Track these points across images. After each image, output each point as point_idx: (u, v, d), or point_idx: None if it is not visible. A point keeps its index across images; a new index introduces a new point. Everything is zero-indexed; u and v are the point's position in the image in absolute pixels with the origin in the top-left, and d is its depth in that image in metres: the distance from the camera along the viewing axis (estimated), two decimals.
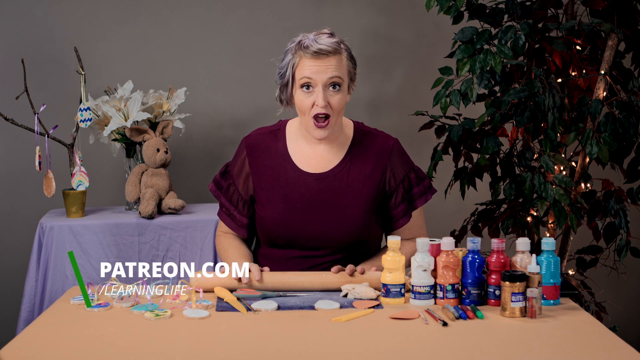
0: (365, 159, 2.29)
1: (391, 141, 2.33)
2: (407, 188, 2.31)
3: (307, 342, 1.74)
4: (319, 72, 2.16)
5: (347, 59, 2.22)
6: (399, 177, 2.30)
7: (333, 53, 2.18)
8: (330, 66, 2.17)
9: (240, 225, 2.33)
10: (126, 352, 1.68)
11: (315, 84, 2.17)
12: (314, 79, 2.17)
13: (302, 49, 2.18)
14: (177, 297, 2.02)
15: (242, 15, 3.48)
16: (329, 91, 2.18)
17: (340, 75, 2.18)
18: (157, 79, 3.34)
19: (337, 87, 2.19)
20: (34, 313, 2.83)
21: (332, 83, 2.17)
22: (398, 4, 3.55)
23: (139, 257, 2.89)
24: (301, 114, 2.23)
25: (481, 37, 2.81)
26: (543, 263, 1.98)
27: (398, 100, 3.58)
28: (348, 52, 2.24)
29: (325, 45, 2.16)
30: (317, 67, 2.16)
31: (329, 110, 2.18)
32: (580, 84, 2.97)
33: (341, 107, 2.21)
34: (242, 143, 2.35)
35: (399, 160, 2.31)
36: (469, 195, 3.02)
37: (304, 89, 2.18)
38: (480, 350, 1.70)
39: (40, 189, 3.03)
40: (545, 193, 2.76)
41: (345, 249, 2.25)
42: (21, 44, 3.35)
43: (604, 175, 3.14)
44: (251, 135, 2.36)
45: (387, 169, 2.29)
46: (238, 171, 2.33)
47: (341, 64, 2.19)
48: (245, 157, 2.31)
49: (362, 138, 2.32)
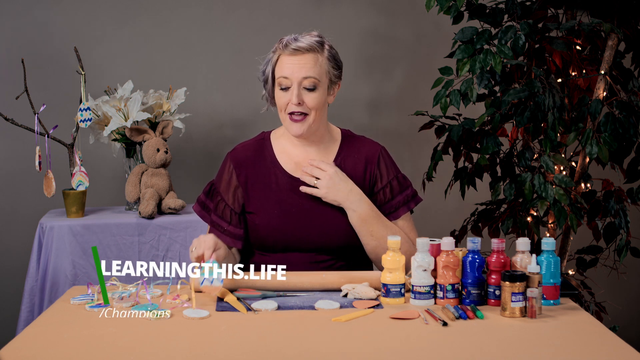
0: (354, 162, 2.29)
1: (378, 147, 2.34)
2: (390, 194, 2.29)
3: (307, 342, 1.74)
4: (294, 71, 2.18)
5: (326, 59, 2.22)
6: (384, 182, 2.30)
7: (310, 51, 2.18)
8: (305, 64, 2.18)
9: (236, 237, 2.29)
10: (126, 352, 1.68)
11: (291, 83, 2.19)
12: (290, 77, 2.18)
13: (282, 47, 2.20)
14: (177, 297, 2.02)
15: (242, 15, 3.48)
16: (304, 90, 2.19)
17: (315, 75, 2.18)
18: (157, 79, 3.34)
19: (313, 88, 2.19)
20: (34, 313, 2.83)
21: (306, 82, 2.18)
22: (398, 4, 3.55)
23: (139, 257, 2.89)
24: (279, 111, 2.25)
25: (481, 37, 2.81)
26: (543, 263, 1.98)
27: (398, 100, 3.59)
28: (330, 53, 2.23)
29: (303, 43, 2.18)
30: (292, 65, 2.18)
31: (304, 108, 2.19)
32: (580, 84, 2.97)
33: (318, 106, 2.20)
34: (227, 158, 2.33)
35: (384, 165, 2.31)
36: (469, 195, 3.02)
37: (281, 89, 2.20)
38: (480, 350, 1.70)
39: (40, 189, 3.03)
40: (545, 193, 2.76)
41: (341, 250, 2.25)
42: (21, 44, 3.35)
43: (604, 175, 3.14)
44: (236, 150, 2.34)
45: (374, 173, 2.30)
46: (226, 186, 2.30)
47: (317, 63, 2.19)
48: (233, 170, 2.29)
49: (350, 142, 2.33)
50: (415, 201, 2.33)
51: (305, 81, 2.18)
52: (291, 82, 2.18)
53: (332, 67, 2.24)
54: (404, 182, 2.33)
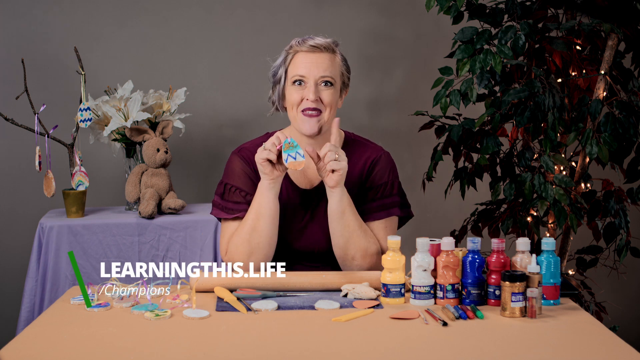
0: (352, 166, 2.23)
1: (380, 152, 2.28)
2: (379, 195, 2.24)
3: (307, 342, 1.74)
4: (312, 68, 2.15)
5: (340, 60, 2.21)
6: (380, 180, 2.24)
7: (327, 49, 2.17)
8: (323, 63, 2.16)
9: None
10: (126, 352, 1.68)
11: (307, 80, 2.16)
12: (306, 75, 2.16)
13: (297, 44, 2.18)
14: (177, 297, 2.02)
15: (242, 15, 3.48)
16: (321, 86, 2.16)
17: (332, 75, 2.17)
18: (157, 79, 3.34)
19: (329, 84, 2.17)
20: (34, 313, 2.83)
21: (323, 81, 2.16)
22: (398, 4, 3.56)
23: (139, 257, 2.89)
24: (290, 109, 2.20)
25: (481, 37, 2.81)
26: (543, 263, 1.98)
27: (398, 100, 3.59)
28: (342, 56, 2.23)
29: (320, 41, 2.17)
30: (310, 63, 2.15)
31: (319, 105, 2.16)
32: (580, 84, 2.97)
33: (333, 103, 2.17)
34: (234, 156, 2.27)
35: (383, 166, 2.25)
36: (469, 195, 3.02)
37: (296, 84, 2.17)
38: (480, 350, 1.70)
39: (40, 189, 3.03)
40: (545, 193, 2.76)
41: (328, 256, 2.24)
42: (21, 44, 3.35)
43: (604, 175, 3.14)
44: (243, 149, 2.28)
45: (365, 175, 2.25)
46: (239, 176, 2.23)
47: (334, 63, 2.18)
48: (244, 164, 2.24)
49: (351, 147, 2.28)
50: (397, 212, 2.23)
51: (322, 79, 2.16)
52: (308, 80, 2.16)
53: (345, 69, 2.23)
54: (393, 189, 2.25)
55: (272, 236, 2.15)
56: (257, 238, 2.14)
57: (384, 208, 2.23)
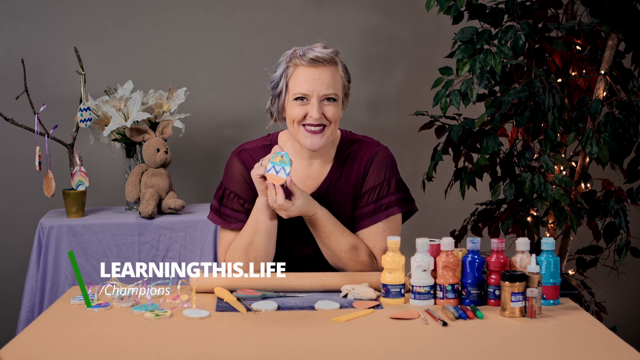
0: (349, 171, 2.21)
1: (377, 148, 2.24)
2: (379, 194, 2.20)
3: (307, 342, 1.74)
4: (315, 85, 2.10)
5: (342, 71, 2.17)
6: (374, 181, 2.20)
7: (329, 62, 2.12)
8: (325, 79, 2.11)
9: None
10: (126, 352, 1.68)
11: (310, 98, 2.11)
12: (309, 94, 2.11)
13: (297, 57, 2.12)
14: (177, 297, 2.02)
15: (242, 15, 3.48)
16: (324, 102, 2.12)
17: (335, 91, 2.13)
18: (157, 79, 3.34)
19: (333, 100, 2.13)
20: (34, 313, 2.83)
21: (327, 97, 2.12)
22: (398, 4, 3.56)
23: (139, 257, 2.89)
24: (290, 123, 2.15)
25: (481, 37, 2.81)
26: (543, 263, 1.98)
27: (398, 100, 3.59)
28: (343, 66, 2.18)
29: (321, 53, 2.11)
30: (313, 79, 2.10)
31: (323, 121, 2.12)
32: (580, 84, 2.97)
33: (336, 117, 2.14)
34: (234, 158, 2.24)
35: (378, 166, 2.21)
36: (469, 195, 3.02)
37: (298, 101, 2.12)
38: (480, 350, 1.70)
39: (40, 189, 3.03)
40: (545, 193, 2.76)
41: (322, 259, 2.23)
42: (21, 44, 3.35)
43: (604, 175, 3.14)
44: (243, 150, 2.25)
45: (365, 175, 2.21)
46: (238, 182, 2.21)
47: (336, 78, 2.13)
48: (243, 168, 2.21)
49: (347, 148, 2.24)
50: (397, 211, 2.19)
51: (325, 96, 2.12)
52: (310, 97, 2.11)
53: (347, 80, 2.19)
54: (389, 188, 2.21)
55: (269, 250, 2.15)
56: (254, 252, 2.14)
57: (380, 210, 2.19)
